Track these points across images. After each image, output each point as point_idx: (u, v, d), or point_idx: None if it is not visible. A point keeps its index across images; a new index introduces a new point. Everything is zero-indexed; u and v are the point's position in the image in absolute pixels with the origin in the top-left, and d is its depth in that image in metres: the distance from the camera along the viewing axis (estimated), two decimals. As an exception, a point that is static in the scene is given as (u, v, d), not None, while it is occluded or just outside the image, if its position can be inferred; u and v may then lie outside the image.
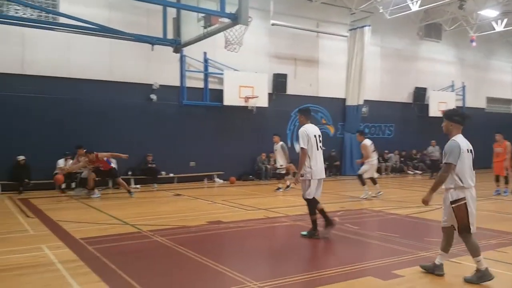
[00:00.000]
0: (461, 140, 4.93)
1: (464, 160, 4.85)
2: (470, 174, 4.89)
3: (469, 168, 4.90)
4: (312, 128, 6.97)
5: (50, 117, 13.94)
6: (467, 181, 4.84)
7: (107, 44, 14.18)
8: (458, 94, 24.01)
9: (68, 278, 4.95)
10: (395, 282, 4.84)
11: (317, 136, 6.89)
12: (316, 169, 6.79)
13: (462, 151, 4.85)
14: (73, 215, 9.32)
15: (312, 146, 6.78)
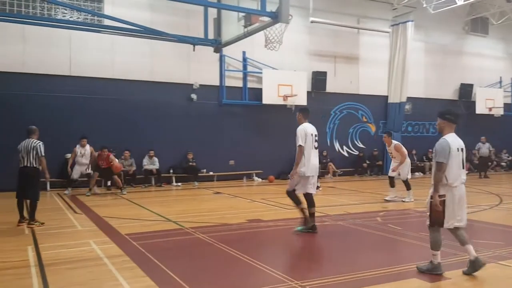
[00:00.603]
0: (451, 139, 5.04)
1: (452, 159, 4.95)
2: (458, 173, 4.98)
3: (457, 167, 4.98)
4: (310, 128, 7.22)
5: (95, 117, 14.43)
6: (452, 180, 4.95)
7: (148, 46, 14.52)
8: (506, 91, 22.98)
9: (115, 273, 5.11)
10: (441, 285, 4.71)
11: (314, 135, 7.18)
12: (309, 166, 7.08)
13: (451, 149, 4.96)
14: (118, 212, 9.61)
15: (308, 145, 7.07)
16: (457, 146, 5.02)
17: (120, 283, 4.76)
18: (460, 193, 5.01)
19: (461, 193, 5.01)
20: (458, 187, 4.99)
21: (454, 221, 5.01)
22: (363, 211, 9.25)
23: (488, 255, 5.79)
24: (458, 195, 4.99)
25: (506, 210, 9.63)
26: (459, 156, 5.00)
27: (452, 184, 4.96)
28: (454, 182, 4.97)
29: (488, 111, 21.65)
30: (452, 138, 5.08)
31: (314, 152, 7.15)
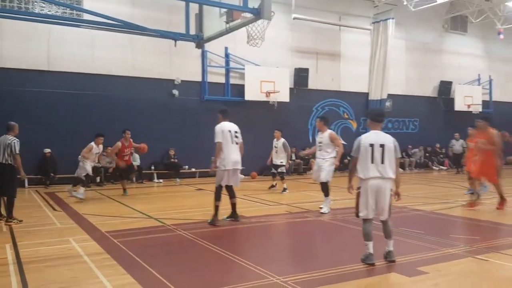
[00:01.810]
0: (366, 136, 5.36)
1: (363, 154, 5.24)
2: (367, 167, 5.20)
3: (367, 161, 5.21)
4: (227, 125, 7.78)
5: (74, 112, 14.23)
6: (362, 173, 5.25)
7: (128, 40, 14.38)
8: (484, 88, 23.47)
9: (95, 270, 5.06)
10: (419, 279, 4.78)
11: (232, 131, 7.72)
12: (229, 160, 7.59)
13: (361, 145, 5.27)
14: (98, 209, 9.51)
15: (226, 140, 7.59)
16: (371, 142, 5.24)
17: (101, 281, 4.72)
18: (373, 187, 5.20)
19: (374, 186, 5.20)
20: (370, 180, 5.20)
21: (367, 212, 5.27)
22: (344, 207, 9.33)
23: (465, 250, 5.92)
24: (370, 188, 5.20)
25: (483, 205, 9.83)
26: (369, 152, 5.20)
27: (362, 177, 5.26)
28: (364, 175, 5.23)
29: (466, 108, 22.06)
30: (370, 134, 5.37)
31: (233, 148, 7.66)
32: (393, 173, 5.24)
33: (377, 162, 5.21)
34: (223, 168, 7.64)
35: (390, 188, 5.26)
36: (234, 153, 7.68)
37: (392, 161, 5.25)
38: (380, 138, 5.31)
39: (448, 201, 10.47)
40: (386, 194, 5.24)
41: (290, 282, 4.61)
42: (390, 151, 5.25)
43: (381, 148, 5.22)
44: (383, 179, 5.21)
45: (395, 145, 5.33)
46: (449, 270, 5.08)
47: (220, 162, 7.65)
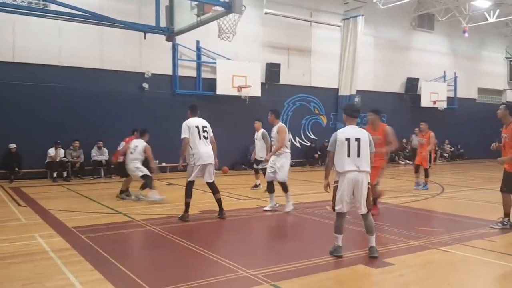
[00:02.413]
0: (342, 131, 5.45)
1: (339, 149, 5.32)
2: (346, 161, 5.28)
3: (343, 155, 5.29)
4: (195, 120, 7.67)
5: (41, 106, 13.83)
6: (341, 167, 5.31)
7: (97, 32, 14.06)
8: (449, 85, 24.15)
9: (61, 267, 4.96)
10: (385, 270, 4.90)
11: (200, 126, 7.61)
12: (198, 156, 7.49)
13: (338, 139, 5.35)
14: (65, 204, 9.31)
15: (194, 136, 7.50)
16: (347, 136, 5.32)
17: (67, 277, 4.63)
18: (350, 180, 5.27)
19: (351, 179, 5.26)
20: (347, 173, 5.27)
21: (342, 206, 5.34)
22: (314, 201, 9.46)
23: (430, 242, 6.11)
24: (347, 181, 5.27)
25: (447, 198, 10.17)
26: (345, 146, 5.28)
27: (339, 171, 5.34)
28: (341, 169, 5.31)
29: (432, 104, 22.67)
30: (346, 129, 5.47)
31: (202, 143, 7.55)
32: (368, 166, 5.34)
33: (353, 155, 5.28)
34: (193, 164, 7.55)
35: (367, 181, 5.33)
36: (204, 148, 7.57)
37: (367, 154, 5.35)
38: (356, 133, 5.40)
39: (414, 195, 10.77)
40: (363, 187, 5.30)
41: (259, 276, 4.65)
42: (365, 145, 5.34)
43: (357, 142, 5.31)
44: (359, 172, 5.28)
45: (370, 139, 5.43)
46: (414, 262, 5.24)
47: (190, 158, 7.56)
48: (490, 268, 5.09)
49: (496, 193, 11.33)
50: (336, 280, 4.59)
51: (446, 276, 4.80)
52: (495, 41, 26.44)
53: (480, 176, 15.38)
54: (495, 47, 26.61)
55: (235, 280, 4.59)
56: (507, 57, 27.27)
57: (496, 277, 4.83)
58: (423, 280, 4.66)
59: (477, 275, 4.93)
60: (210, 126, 7.84)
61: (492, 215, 8.04)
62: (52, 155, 13.63)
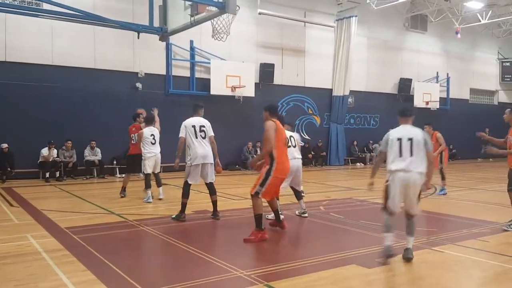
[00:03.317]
0: (395, 130, 5.45)
1: (390, 148, 5.32)
2: (396, 160, 5.25)
3: (394, 154, 5.27)
4: (193, 120, 7.57)
5: (33, 105, 13.74)
6: (391, 166, 5.29)
7: (91, 31, 14.00)
8: (442, 86, 24.30)
9: (54, 267, 4.93)
10: (379, 270, 4.93)
11: (197, 126, 7.50)
12: (194, 156, 7.41)
13: (389, 139, 5.36)
14: (57, 204, 9.26)
15: (191, 136, 7.44)
16: (398, 136, 5.29)
17: (60, 278, 4.60)
18: (401, 180, 5.18)
19: (402, 180, 5.18)
20: (398, 173, 5.19)
21: (394, 206, 5.26)
22: (307, 201, 9.44)
23: (422, 242, 6.14)
24: (398, 181, 5.19)
25: (440, 199, 10.22)
26: (396, 146, 5.24)
27: (392, 170, 5.26)
28: (392, 169, 5.25)
29: (425, 104, 22.79)
30: (398, 129, 5.45)
31: (198, 142, 7.44)
32: (422, 167, 5.20)
33: (405, 155, 5.21)
34: (189, 164, 7.47)
35: (419, 181, 5.20)
36: (201, 147, 7.46)
37: (421, 154, 5.21)
38: (408, 132, 5.33)
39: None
40: (414, 187, 5.22)
41: (253, 276, 4.66)
42: (419, 145, 5.21)
43: (409, 142, 5.22)
44: (411, 172, 5.16)
45: (424, 138, 5.28)
46: (407, 261, 5.25)
47: (187, 158, 7.52)
48: (482, 268, 5.12)
49: (487, 193, 11.48)
50: (329, 280, 4.60)
51: (439, 276, 4.83)
52: (487, 42, 26.64)
53: (472, 177, 15.48)
54: (487, 48, 26.80)
55: (229, 280, 4.59)
56: (499, 58, 27.48)
57: (488, 277, 4.86)
58: (416, 280, 4.69)
59: (469, 275, 4.97)
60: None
61: (484, 215, 8.12)
62: (45, 155, 13.54)
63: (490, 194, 11.37)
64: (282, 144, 6.29)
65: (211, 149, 7.63)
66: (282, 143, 6.29)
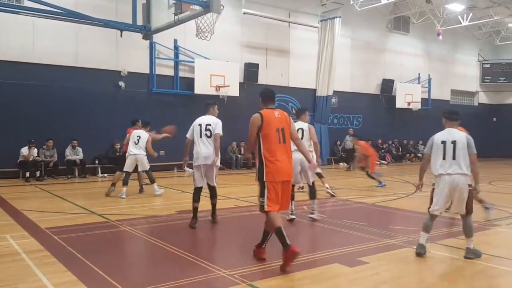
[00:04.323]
0: (440, 134, 5.52)
1: (434, 152, 5.45)
2: (441, 164, 5.37)
3: (438, 158, 5.40)
4: (200, 119, 7.22)
5: (14, 104, 13.50)
6: (436, 170, 5.41)
7: (73, 29, 13.82)
8: (424, 87, 24.63)
9: (34, 268, 4.86)
10: (361, 269, 4.97)
11: (204, 125, 7.10)
12: (196, 156, 7.08)
13: (434, 143, 5.48)
14: (37, 204, 9.12)
15: (196, 135, 7.11)
16: (442, 139, 5.41)
17: (40, 279, 4.53)
18: (446, 183, 5.32)
19: (446, 183, 5.32)
20: (443, 176, 5.34)
21: (438, 209, 5.47)
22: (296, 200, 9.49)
23: (404, 240, 6.22)
24: (443, 184, 5.35)
25: (420, 198, 10.35)
26: (441, 149, 5.39)
27: (435, 173, 5.44)
28: (437, 172, 5.40)
29: (407, 105, 23.07)
30: (443, 132, 5.53)
31: (202, 142, 7.07)
32: (467, 169, 5.27)
33: (448, 158, 5.32)
34: (194, 164, 7.13)
35: (465, 183, 5.29)
36: (203, 147, 7.05)
37: (465, 157, 5.29)
38: (453, 135, 5.40)
39: (388, 194, 10.95)
40: (461, 189, 5.29)
41: (236, 275, 4.66)
42: (463, 147, 5.30)
43: (453, 145, 5.32)
44: (457, 175, 5.27)
45: (468, 141, 5.35)
46: (388, 260, 5.32)
47: (193, 158, 7.17)
48: (461, 266, 5.20)
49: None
50: (313, 279, 4.62)
51: (420, 274, 4.90)
52: (468, 44, 27.10)
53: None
54: (468, 50, 27.28)
55: (212, 280, 4.58)
56: (480, 60, 28.00)
57: (467, 275, 4.94)
58: (397, 279, 4.75)
59: (449, 273, 5.05)
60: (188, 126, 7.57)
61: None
62: (25, 154, 13.31)
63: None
64: (273, 140, 5.14)
65: (214, 150, 7.11)
66: (273, 139, 5.14)
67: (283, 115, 5.34)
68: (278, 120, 5.24)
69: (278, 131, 5.16)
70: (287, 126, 5.28)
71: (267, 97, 5.56)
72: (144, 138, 10.30)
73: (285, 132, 5.20)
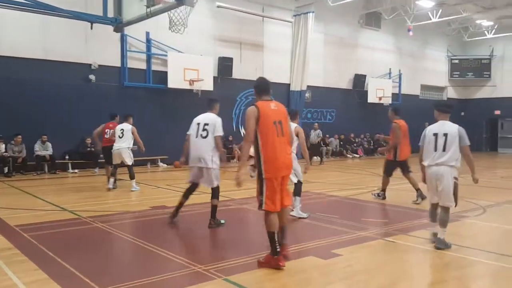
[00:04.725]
0: (432, 127, 5.75)
1: (427, 144, 5.69)
2: (431, 155, 5.60)
3: (431, 150, 5.60)
4: (199, 117, 6.86)
5: (-22, 97, 13.03)
6: (427, 161, 5.67)
7: (39, 21, 13.38)
8: (394, 82, 25.07)
9: (3, 267, 4.73)
10: (334, 261, 5.05)
11: (201, 123, 6.68)
12: (191, 156, 6.74)
13: (426, 135, 5.72)
14: (7, 201, 8.86)
15: (193, 134, 6.73)
16: (434, 132, 5.61)
17: (10, 278, 4.42)
18: (433, 174, 5.55)
19: (434, 173, 5.55)
20: (432, 167, 5.57)
21: (431, 197, 5.78)
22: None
23: (375, 232, 6.34)
24: (431, 174, 5.59)
25: (391, 190, 10.56)
26: (432, 141, 5.59)
27: (425, 165, 5.69)
28: (427, 163, 5.65)
29: (378, 100, 23.46)
30: (435, 125, 5.72)
31: (196, 142, 6.65)
32: (455, 161, 5.46)
33: (439, 150, 5.50)
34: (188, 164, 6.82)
35: (452, 175, 5.46)
36: (197, 148, 6.62)
37: (455, 149, 5.45)
38: (445, 128, 5.57)
39: (361, 187, 11.14)
40: (447, 180, 5.45)
41: (211, 270, 4.65)
42: (453, 140, 5.46)
43: (444, 137, 5.49)
44: (443, 166, 5.47)
45: (460, 133, 5.49)
46: (361, 252, 5.43)
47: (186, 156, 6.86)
48: (432, 257, 5.35)
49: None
50: (287, 273, 4.66)
51: (392, 265, 5.01)
52: (438, 40, 27.72)
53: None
54: (437, 46, 27.91)
55: (187, 275, 4.57)
56: (448, 56, 28.70)
57: (438, 265, 5.09)
58: (370, 270, 4.84)
59: (420, 264, 5.19)
60: (161, 120, 7.47)
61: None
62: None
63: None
64: (271, 134, 4.81)
65: (209, 151, 6.58)
66: (271, 132, 4.81)
67: (280, 107, 5.09)
68: (275, 112, 4.95)
69: (275, 124, 4.84)
70: (284, 119, 5.01)
71: (262, 89, 5.28)
72: (128, 130, 10.41)
73: (283, 125, 4.90)
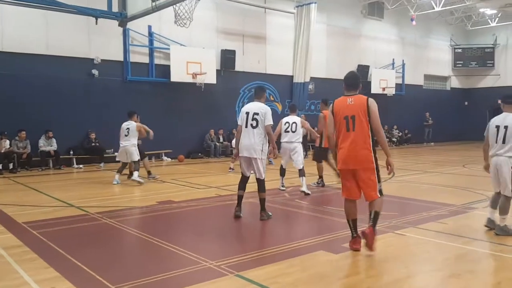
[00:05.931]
0: (496, 117, 5.90)
1: (490, 135, 5.86)
2: (493, 146, 5.80)
3: (493, 141, 5.79)
4: (248, 106, 6.88)
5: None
6: (490, 151, 5.85)
7: (43, 16, 13.33)
8: (398, 72, 24.93)
9: (14, 265, 4.72)
10: (345, 255, 5.02)
11: (251, 113, 6.66)
12: (240, 146, 6.75)
13: (490, 127, 5.90)
14: (14, 198, 8.86)
15: (242, 123, 6.72)
16: (497, 124, 5.78)
17: (21, 276, 4.41)
18: (494, 164, 5.79)
19: (494, 163, 5.79)
20: (493, 157, 5.79)
21: (493, 185, 5.94)
22: (273, 188, 9.52)
23: (385, 225, 6.31)
24: (492, 165, 5.84)
25: (398, 182, 10.54)
26: (494, 132, 5.77)
27: (491, 155, 5.85)
28: (490, 154, 5.86)
29: (381, 90, 23.34)
30: (500, 117, 5.86)
31: (245, 131, 6.64)
32: None
33: (499, 142, 5.70)
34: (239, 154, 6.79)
35: (509, 165, 5.62)
36: (246, 138, 6.61)
37: None
38: (506, 120, 5.72)
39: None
40: (505, 171, 5.65)
41: (223, 266, 4.63)
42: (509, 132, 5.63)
43: (505, 130, 5.66)
44: (502, 156, 5.67)
45: None
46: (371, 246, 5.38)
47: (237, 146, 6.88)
48: (443, 250, 5.32)
49: (443, 176, 11.93)
50: (300, 267, 4.64)
51: (403, 259, 4.98)
52: (441, 29, 27.50)
53: (427, 160, 16.07)
54: (441, 35, 27.69)
55: (198, 272, 4.54)
56: (452, 45, 28.48)
57: (450, 258, 5.05)
58: (382, 263, 4.82)
59: (431, 257, 5.15)
60: (165, 114, 7.44)
61: (442, 197, 8.45)
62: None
63: (446, 177, 11.85)
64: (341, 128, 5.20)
65: (259, 142, 6.59)
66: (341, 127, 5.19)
67: (358, 101, 5.12)
68: (349, 107, 5.11)
69: (346, 119, 5.06)
70: (361, 112, 5.04)
71: (346, 83, 5.46)
72: (133, 127, 10.58)
73: (355, 120, 5.02)
